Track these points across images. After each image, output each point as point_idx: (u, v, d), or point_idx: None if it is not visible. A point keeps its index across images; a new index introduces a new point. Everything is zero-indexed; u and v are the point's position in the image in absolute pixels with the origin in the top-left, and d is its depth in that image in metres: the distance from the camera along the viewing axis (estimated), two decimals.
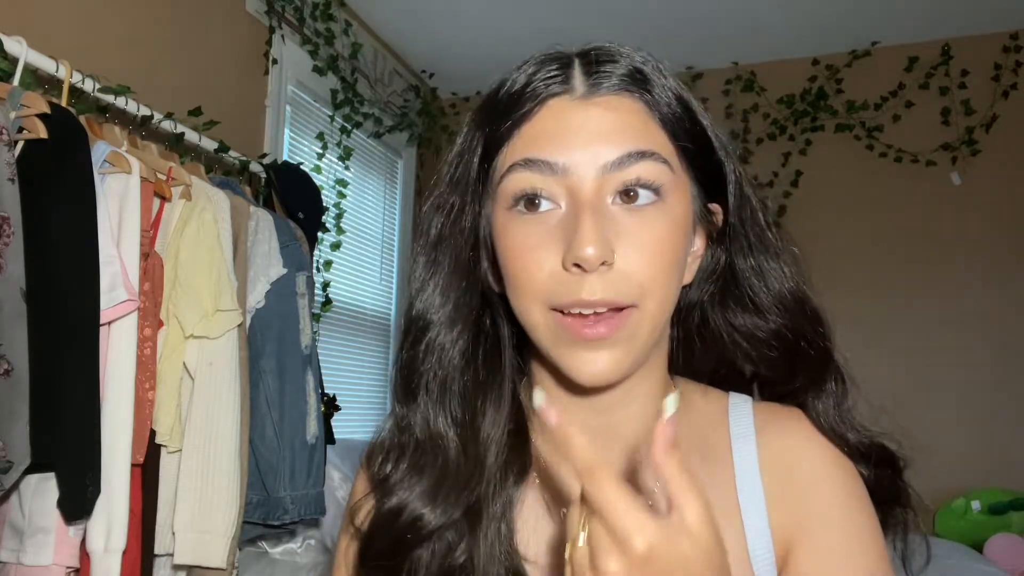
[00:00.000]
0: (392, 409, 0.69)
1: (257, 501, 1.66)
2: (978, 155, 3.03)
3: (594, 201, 0.57)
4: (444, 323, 0.65)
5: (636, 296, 0.57)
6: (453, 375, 0.66)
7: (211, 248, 1.56)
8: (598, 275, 0.56)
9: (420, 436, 0.65)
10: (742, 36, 3.13)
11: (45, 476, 1.30)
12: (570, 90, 0.60)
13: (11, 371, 1.18)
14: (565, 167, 0.58)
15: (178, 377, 1.53)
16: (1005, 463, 2.85)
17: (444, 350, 0.65)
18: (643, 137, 0.59)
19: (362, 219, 3.11)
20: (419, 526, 0.63)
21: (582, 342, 0.57)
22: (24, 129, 1.33)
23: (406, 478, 0.65)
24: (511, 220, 0.60)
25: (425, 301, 0.66)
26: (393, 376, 0.69)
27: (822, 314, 0.67)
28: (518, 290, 0.60)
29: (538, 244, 0.58)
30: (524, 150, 0.60)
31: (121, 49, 1.92)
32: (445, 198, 0.65)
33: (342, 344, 2.92)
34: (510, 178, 0.60)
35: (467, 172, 0.64)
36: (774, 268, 0.66)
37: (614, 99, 0.60)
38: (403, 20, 3.09)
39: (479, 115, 0.65)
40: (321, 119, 2.85)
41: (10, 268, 1.20)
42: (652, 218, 0.58)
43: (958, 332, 2.99)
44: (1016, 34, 3.03)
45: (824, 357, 0.66)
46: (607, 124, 0.59)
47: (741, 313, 0.67)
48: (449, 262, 0.65)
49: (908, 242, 3.08)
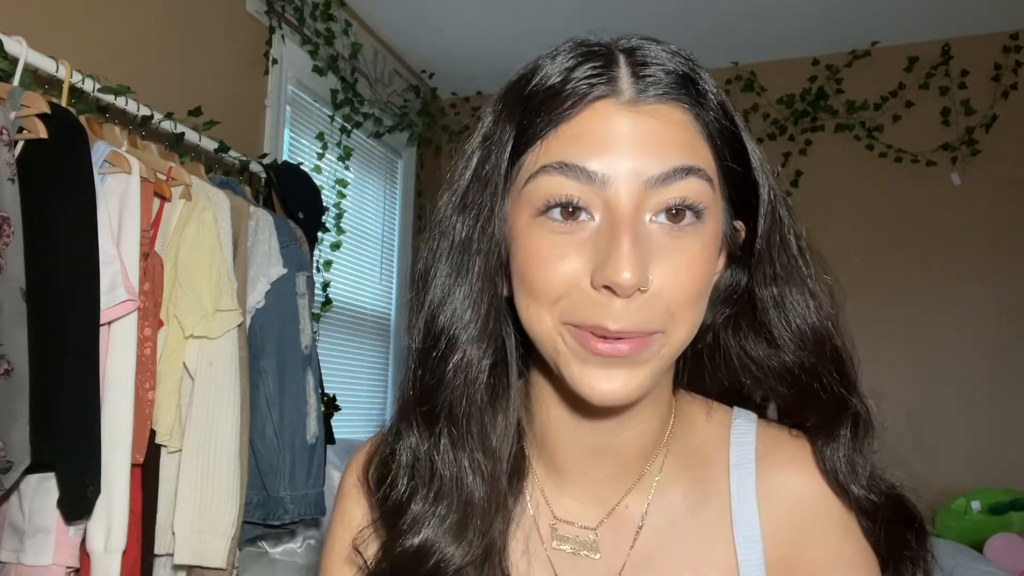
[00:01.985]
0: (399, 428, 0.63)
1: (257, 501, 1.66)
2: (978, 155, 3.03)
3: (633, 219, 0.52)
4: (474, 340, 0.58)
5: (664, 323, 0.53)
6: (478, 399, 0.59)
7: (211, 248, 1.56)
8: (627, 301, 0.51)
9: (443, 469, 0.59)
10: (742, 36, 3.13)
11: (45, 476, 1.30)
12: (616, 92, 0.54)
13: (11, 371, 1.18)
14: (605, 178, 0.53)
15: (178, 377, 1.53)
16: (1005, 463, 2.84)
17: (471, 370, 0.58)
18: (690, 153, 0.54)
19: (362, 219, 3.11)
20: (443, 567, 0.58)
21: (597, 358, 0.53)
22: (24, 129, 1.33)
23: (429, 512, 0.60)
24: (537, 226, 0.55)
25: (451, 314, 0.58)
26: (406, 395, 0.62)
27: (844, 355, 0.62)
28: (532, 297, 0.55)
29: (564, 255, 0.53)
30: (560, 152, 0.54)
31: (121, 49, 1.92)
32: (473, 197, 0.58)
33: (342, 344, 2.92)
34: (541, 180, 0.54)
35: (496, 168, 0.57)
36: (798, 300, 0.60)
37: (663, 108, 0.54)
38: (403, 20, 3.09)
39: (509, 104, 0.58)
40: (321, 119, 2.85)
41: (10, 268, 1.20)
42: (690, 240, 0.54)
43: (958, 332, 2.98)
44: (1016, 34, 3.03)
45: (839, 403, 0.61)
46: (654, 135, 0.53)
47: (755, 341, 0.63)
48: (479, 271, 0.58)
49: (908, 242, 3.08)
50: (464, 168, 0.60)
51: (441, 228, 0.60)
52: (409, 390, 0.61)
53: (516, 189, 0.57)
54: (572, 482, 0.64)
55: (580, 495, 0.64)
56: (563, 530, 0.64)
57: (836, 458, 0.61)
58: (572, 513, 0.64)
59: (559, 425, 0.63)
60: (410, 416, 0.61)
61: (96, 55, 1.79)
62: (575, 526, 0.64)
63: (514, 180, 0.57)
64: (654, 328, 0.53)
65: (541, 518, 0.65)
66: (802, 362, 0.61)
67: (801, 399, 0.63)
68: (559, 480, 0.65)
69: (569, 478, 0.64)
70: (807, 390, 0.62)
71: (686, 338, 0.55)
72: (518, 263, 0.56)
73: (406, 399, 0.62)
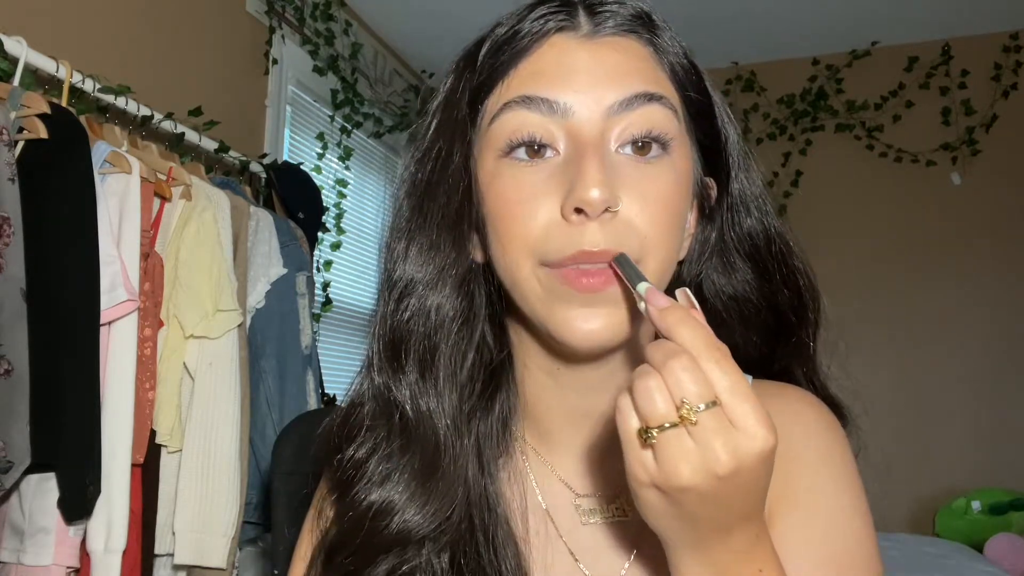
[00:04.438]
0: (368, 374, 0.61)
1: (257, 501, 1.66)
2: (978, 155, 3.03)
3: (598, 145, 0.53)
4: (435, 282, 0.58)
5: (638, 250, 0.53)
6: (442, 345, 0.58)
7: (211, 248, 1.56)
8: (600, 223, 0.51)
9: (411, 413, 0.58)
10: (742, 36, 3.13)
11: (45, 476, 1.30)
12: (574, 27, 0.56)
13: (11, 371, 1.18)
14: (567, 107, 0.53)
15: (178, 377, 1.53)
16: (1005, 463, 2.85)
17: (437, 313, 0.58)
18: (652, 81, 0.55)
19: (362, 219, 3.11)
20: (407, 528, 0.57)
21: (579, 296, 0.53)
22: (24, 129, 1.33)
23: (391, 467, 0.58)
24: (503, 167, 0.55)
25: (415, 255, 0.58)
26: (376, 342, 0.61)
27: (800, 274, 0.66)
28: (507, 244, 0.55)
29: (533, 193, 0.53)
30: (521, 87, 0.55)
31: (121, 49, 1.92)
32: (431, 144, 0.59)
33: (342, 344, 2.92)
34: (504, 118, 0.55)
35: (455, 114, 0.58)
36: (759, 232, 0.64)
37: (621, 40, 0.56)
38: (403, 20, 3.09)
39: (467, 58, 0.59)
40: (321, 119, 2.85)
41: (10, 268, 1.20)
42: (658, 171, 0.54)
43: (958, 332, 2.98)
44: (1016, 34, 3.03)
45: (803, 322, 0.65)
46: (614, 64, 0.55)
47: (727, 282, 0.65)
48: (439, 209, 0.57)
49: (908, 242, 3.08)
50: (427, 128, 0.60)
51: (405, 186, 0.61)
52: (378, 334, 0.61)
53: (480, 134, 0.57)
54: (565, 454, 0.64)
55: (573, 469, 0.64)
56: (587, 504, 0.63)
57: (816, 376, 0.66)
58: (578, 487, 0.64)
59: (544, 394, 0.62)
60: (377, 359, 0.60)
61: (96, 55, 1.79)
62: (596, 496, 0.63)
63: (478, 126, 0.57)
64: (629, 254, 0.53)
65: (550, 499, 0.64)
66: (767, 286, 0.64)
67: (774, 331, 0.66)
68: (551, 456, 0.64)
69: (561, 449, 0.64)
70: (777, 318, 0.65)
71: (660, 270, 0.55)
72: (489, 209, 0.56)
73: (375, 345, 0.61)
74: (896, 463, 2.83)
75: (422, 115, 0.63)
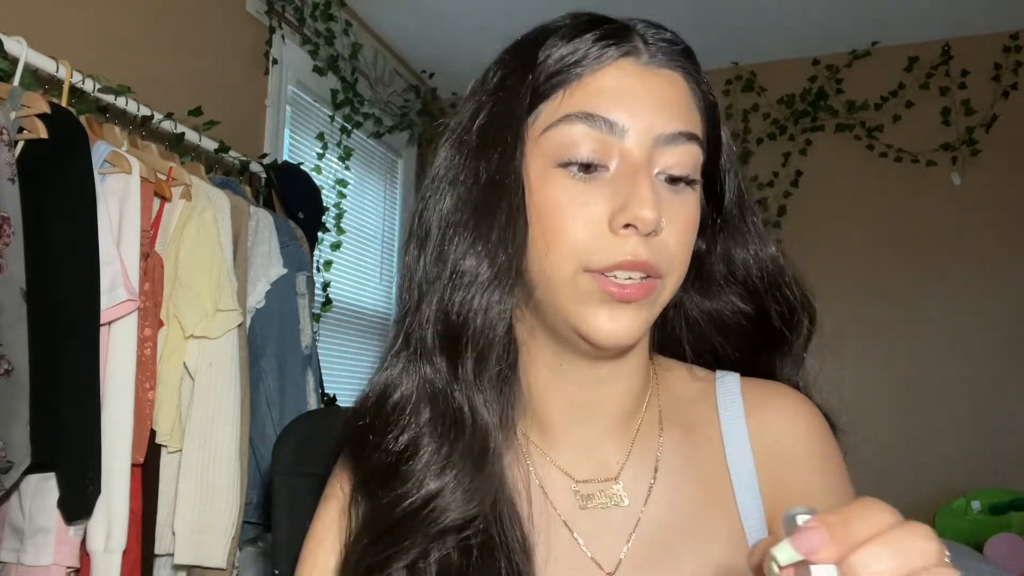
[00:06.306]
0: (413, 367, 0.61)
1: (257, 501, 1.66)
2: (978, 155, 3.03)
3: (648, 169, 0.57)
4: (496, 278, 0.58)
5: (667, 269, 0.58)
6: (496, 341, 0.59)
7: (211, 248, 1.56)
8: (643, 239, 0.56)
9: (466, 406, 0.59)
10: (742, 36, 3.13)
11: (45, 476, 1.30)
12: (635, 53, 0.59)
13: (11, 371, 1.18)
14: (624, 129, 0.57)
15: (178, 377, 1.53)
16: (1005, 463, 2.84)
17: (499, 307, 0.58)
18: (691, 120, 0.60)
19: (362, 219, 3.11)
20: (460, 517, 0.58)
21: (610, 300, 0.57)
22: (24, 129, 1.33)
23: (446, 457, 0.58)
24: (555, 175, 0.58)
25: (479, 250, 0.58)
26: (429, 330, 0.60)
27: (788, 280, 0.69)
28: (554, 248, 0.57)
29: (584, 203, 0.57)
30: (584, 103, 0.57)
31: (121, 49, 1.92)
32: (490, 138, 0.59)
33: (342, 344, 2.92)
34: (562, 129, 0.57)
35: (518, 112, 0.59)
36: (761, 254, 0.68)
37: (670, 74, 0.60)
38: (403, 20, 3.09)
39: (523, 58, 0.60)
40: (321, 119, 2.85)
41: (10, 268, 1.20)
42: (685, 200, 0.59)
43: (958, 332, 2.98)
44: (1016, 34, 3.03)
45: (794, 327, 0.68)
46: (665, 96, 0.58)
47: (714, 299, 0.69)
48: (505, 207, 0.58)
49: (908, 242, 3.08)
50: (474, 116, 0.61)
51: (453, 175, 0.61)
52: (429, 326, 0.60)
53: (533, 137, 0.59)
54: (564, 445, 0.66)
55: (572, 458, 0.65)
56: (586, 489, 0.64)
57: (804, 383, 0.69)
58: (577, 474, 0.65)
59: (545, 387, 0.65)
60: (434, 349, 0.60)
61: (96, 55, 1.79)
62: (595, 482, 0.65)
63: (528, 129, 0.59)
64: (662, 270, 0.58)
65: (549, 485, 0.65)
66: (754, 307, 0.68)
67: (759, 342, 0.70)
68: (550, 448, 0.66)
69: (560, 440, 0.66)
70: (766, 331, 0.68)
71: (676, 289, 0.61)
72: (537, 212, 0.58)
73: (428, 333, 0.60)
74: (896, 463, 2.83)
75: (459, 104, 0.64)
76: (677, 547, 0.62)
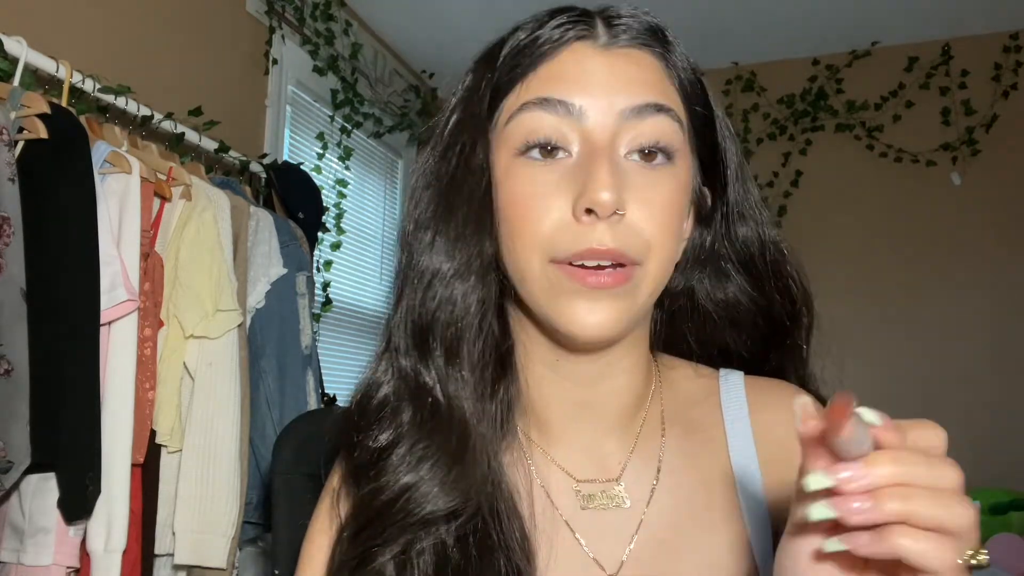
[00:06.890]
0: (393, 364, 0.62)
1: (257, 501, 1.66)
2: (978, 155, 3.03)
3: (609, 149, 0.56)
4: (461, 272, 0.59)
5: (642, 253, 0.56)
6: (466, 333, 0.60)
7: (211, 248, 1.56)
8: (608, 225, 0.54)
9: (440, 397, 0.59)
10: (742, 36, 3.13)
11: (45, 476, 1.30)
12: (592, 36, 0.59)
13: (11, 371, 1.18)
14: (582, 110, 0.56)
15: (178, 377, 1.53)
16: (1005, 463, 2.84)
17: (463, 301, 0.59)
18: (661, 92, 0.59)
19: (362, 219, 3.11)
20: (438, 508, 0.57)
21: (584, 291, 0.55)
22: (24, 129, 1.33)
23: (424, 449, 0.59)
24: (517, 165, 0.58)
25: (441, 246, 0.60)
26: (403, 329, 0.62)
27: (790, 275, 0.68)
28: (519, 240, 0.57)
29: (545, 193, 0.56)
30: (540, 90, 0.58)
31: (121, 49, 1.92)
32: (453, 139, 0.61)
33: (342, 344, 2.92)
34: (521, 118, 0.58)
35: (477, 111, 0.61)
36: (754, 238, 0.67)
37: (635, 52, 0.59)
38: (403, 20, 3.09)
39: (487, 58, 0.63)
40: (321, 119, 2.85)
41: (10, 268, 1.20)
42: (661, 179, 0.57)
43: (958, 332, 2.98)
44: (1016, 34, 3.03)
45: (796, 324, 0.68)
46: (627, 73, 0.58)
47: (722, 286, 0.68)
48: (464, 203, 0.60)
49: (908, 242, 3.08)
50: (446, 123, 0.63)
51: (425, 179, 0.62)
52: (403, 325, 0.62)
53: (497, 132, 0.60)
54: (564, 444, 0.65)
55: (573, 458, 0.65)
56: (587, 489, 0.64)
57: (811, 379, 0.69)
58: (578, 474, 0.65)
59: (544, 385, 0.64)
60: (406, 346, 0.62)
61: (96, 55, 1.79)
62: (596, 482, 0.64)
63: (495, 125, 0.61)
64: (634, 256, 0.56)
65: (551, 485, 0.64)
66: (760, 292, 0.67)
67: (766, 335, 0.69)
68: (551, 447, 0.65)
69: (560, 439, 0.65)
70: (770, 322, 0.68)
71: (660, 273, 0.58)
72: (502, 205, 0.59)
73: (401, 331, 0.62)
74: None
75: (439, 111, 0.65)
76: (679, 548, 0.61)
